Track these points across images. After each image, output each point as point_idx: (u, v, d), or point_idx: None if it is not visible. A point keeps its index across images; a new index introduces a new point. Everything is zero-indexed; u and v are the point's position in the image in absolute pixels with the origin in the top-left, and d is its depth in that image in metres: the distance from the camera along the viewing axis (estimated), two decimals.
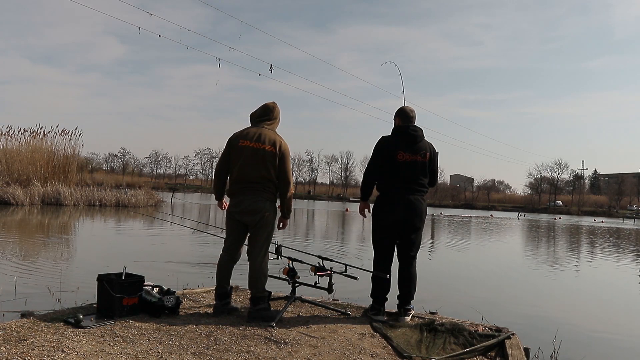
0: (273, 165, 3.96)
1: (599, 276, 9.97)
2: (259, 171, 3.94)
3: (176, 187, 74.20)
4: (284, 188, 4.03)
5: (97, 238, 11.63)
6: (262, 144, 3.97)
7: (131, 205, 23.72)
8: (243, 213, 3.98)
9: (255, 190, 3.95)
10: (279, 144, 4.01)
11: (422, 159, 4.25)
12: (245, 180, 3.98)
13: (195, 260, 8.20)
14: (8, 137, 24.33)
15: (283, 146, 4.03)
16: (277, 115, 4.22)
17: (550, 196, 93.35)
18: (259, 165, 3.94)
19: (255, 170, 3.95)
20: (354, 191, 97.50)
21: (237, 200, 4.02)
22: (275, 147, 3.98)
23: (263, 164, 3.94)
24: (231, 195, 4.09)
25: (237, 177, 4.02)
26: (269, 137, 4.01)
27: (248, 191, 3.97)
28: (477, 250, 13.98)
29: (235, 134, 4.10)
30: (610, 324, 5.85)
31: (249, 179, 3.97)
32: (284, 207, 4.10)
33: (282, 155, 4.00)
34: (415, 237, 4.28)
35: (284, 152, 4.01)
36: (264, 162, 3.94)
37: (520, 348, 3.58)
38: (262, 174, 3.94)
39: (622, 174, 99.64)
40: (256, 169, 3.95)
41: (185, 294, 4.66)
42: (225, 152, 4.09)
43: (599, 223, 43.61)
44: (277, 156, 3.97)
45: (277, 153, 3.97)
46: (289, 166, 4.05)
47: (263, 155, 3.95)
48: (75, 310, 3.79)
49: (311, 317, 4.17)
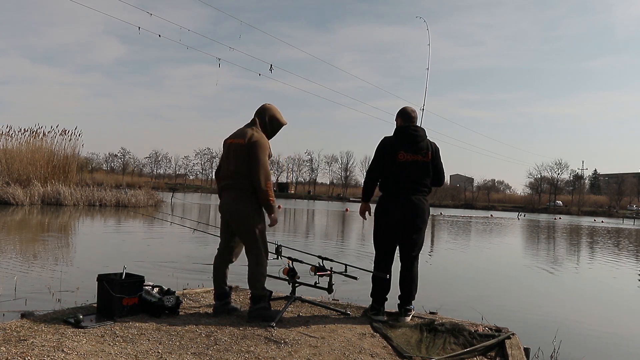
0: (244, 158, 3.87)
1: (599, 276, 9.96)
2: (229, 166, 3.95)
3: (176, 187, 74.18)
4: (255, 182, 3.84)
5: (97, 238, 11.63)
6: (235, 138, 3.98)
7: (131, 205, 23.71)
8: (222, 211, 4.03)
9: (231, 187, 3.95)
10: (249, 135, 3.92)
11: (424, 159, 4.24)
12: (222, 177, 4.06)
13: (195, 260, 8.19)
14: (8, 137, 24.37)
15: (254, 137, 3.91)
16: (263, 115, 4.12)
17: (550, 196, 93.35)
18: (230, 160, 3.96)
19: (228, 165, 3.97)
20: (354, 191, 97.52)
21: (220, 199, 4.08)
22: (245, 139, 3.91)
23: (234, 159, 3.92)
24: (218, 194, 4.14)
25: (219, 176, 4.12)
26: (243, 132, 3.99)
27: (225, 188, 4.00)
28: (477, 250, 13.98)
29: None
30: (611, 323, 5.85)
31: (224, 175, 4.02)
32: (261, 202, 3.92)
33: (250, 145, 3.86)
34: (417, 238, 4.27)
35: (253, 142, 3.87)
36: (235, 156, 3.92)
37: (520, 348, 3.58)
38: (232, 169, 3.93)
39: (622, 174, 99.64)
40: (228, 165, 3.97)
41: (185, 294, 4.66)
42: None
43: (599, 223, 43.60)
44: (245, 147, 3.88)
45: (244, 144, 3.89)
46: (259, 157, 3.84)
47: (234, 149, 3.94)
48: (75, 310, 3.79)
49: (311, 317, 4.17)
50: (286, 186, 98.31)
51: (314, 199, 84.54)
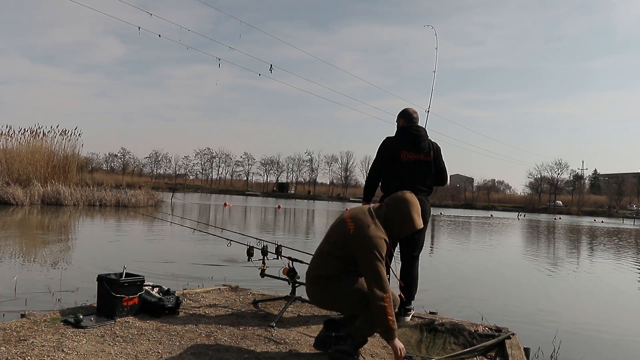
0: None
1: (599, 276, 9.96)
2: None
3: (176, 187, 74.18)
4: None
5: (97, 238, 11.63)
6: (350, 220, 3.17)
7: (131, 205, 23.70)
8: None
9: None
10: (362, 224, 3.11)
11: (426, 158, 4.25)
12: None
13: (195, 260, 8.20)
14: (8, 137, 24.37)
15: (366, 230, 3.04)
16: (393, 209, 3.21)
17: (550, 196, 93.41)
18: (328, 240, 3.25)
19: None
20: (354, 191, 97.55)
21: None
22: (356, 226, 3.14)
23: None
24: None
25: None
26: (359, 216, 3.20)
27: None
28: (477, 250, 13.97)
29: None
30: (611, 324, 5.85)
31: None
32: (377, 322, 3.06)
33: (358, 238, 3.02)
34: (417, 237, 4.27)
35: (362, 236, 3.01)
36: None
37: (520, 348, 3.58)
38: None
39: (622, 174, 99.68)
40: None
41: (185, 294, 4.66)
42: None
43: (599, 223, 43.60)
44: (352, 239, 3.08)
45: (352, 234, 3.08)
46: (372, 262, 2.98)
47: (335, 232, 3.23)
48: (75, 310, 3.79)
49: (311, 317, 4.16)
50: (286, 186, 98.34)
51: (314, 199, 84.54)
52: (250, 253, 4.61)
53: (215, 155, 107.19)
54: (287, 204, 46.96)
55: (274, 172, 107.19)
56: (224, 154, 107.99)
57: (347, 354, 3.01)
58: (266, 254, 4.62)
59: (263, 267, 4.57)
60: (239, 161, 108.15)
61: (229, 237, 5.18)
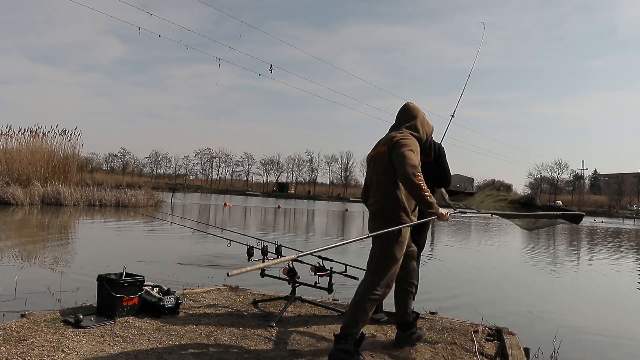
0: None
1: (599, 276, 9.96)
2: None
3: (176, 187, 74.17)
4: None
5: (97, 238, 11.63)
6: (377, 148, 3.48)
7: (131, 205, 23.70)
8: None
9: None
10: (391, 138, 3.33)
11: (425, 159, 4.24)
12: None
13: (195, 260, 8.20)
14: (8, 137, 24.38)
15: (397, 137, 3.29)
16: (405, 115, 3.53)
17: (550, 196, 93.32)
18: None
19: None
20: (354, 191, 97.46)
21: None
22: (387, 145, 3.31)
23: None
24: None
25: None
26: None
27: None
28: (477, 250, 13.97)
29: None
30: (611, 324, 5.84)
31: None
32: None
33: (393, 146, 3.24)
34: (418, 238, 4.27)
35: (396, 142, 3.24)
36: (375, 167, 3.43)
37: (520, 348, 3.58)
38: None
39: (622, 174, 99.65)
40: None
41: (185, 294, 4.66)
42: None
43: (599, 223, 43.59)
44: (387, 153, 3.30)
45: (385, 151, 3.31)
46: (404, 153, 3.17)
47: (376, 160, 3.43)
48: (75, 310, 3.79)
49: (311, 317, 4.16)
50: (286, 186, 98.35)
51: (314, 199, 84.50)
52: (250, 253, 4.61)
53: (215, 155, 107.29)
54: (287, 204, 46.96)
55: (274, 172, 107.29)
56: (224, 154, 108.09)
57: (347, 352, 2.98)
58: (266, 254, 4.62)
59: (263, 267, 4.57)
60: (239, 161, 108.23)
61: (229, 237, 5.18)
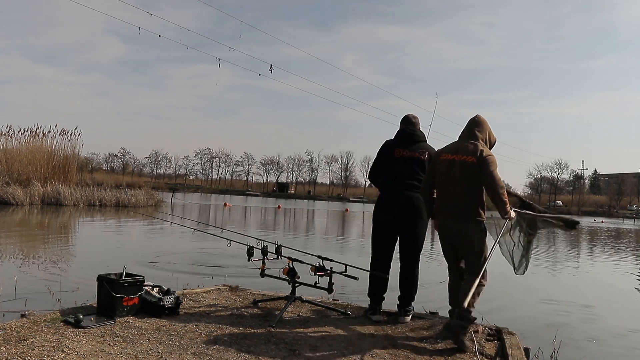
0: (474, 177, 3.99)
1: (599, 276, 9.96)
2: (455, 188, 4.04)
3: (176, 187, 74.13)
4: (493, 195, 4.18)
5: (97, 238, 11.63)
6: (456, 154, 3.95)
7: (131, 205, 23.71)
8: (449, 235, 4.23)
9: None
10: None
11: (420, 156, 4.28)
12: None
13: (195, 260, 8.20)
14: (8, 137, 24.38)
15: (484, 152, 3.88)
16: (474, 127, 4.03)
17: (550, 196, 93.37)
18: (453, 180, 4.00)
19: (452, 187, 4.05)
20: (354, 191, 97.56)
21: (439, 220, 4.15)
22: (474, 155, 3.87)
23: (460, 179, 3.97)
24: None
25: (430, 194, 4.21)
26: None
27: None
28: None
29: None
30: (611, 324, 5.85)
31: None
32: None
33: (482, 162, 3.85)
34: (415, 236, 4.28)
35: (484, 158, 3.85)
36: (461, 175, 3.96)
37: (520, 348, 3.58)
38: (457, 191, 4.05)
39: (622, 174, 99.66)
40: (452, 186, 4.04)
41: (185, 294, 4.66)
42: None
43: (599, 223, 43.59)
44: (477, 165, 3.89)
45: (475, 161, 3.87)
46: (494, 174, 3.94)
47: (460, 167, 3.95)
48: (75, 310, 3.79)
49: (311, 317, 4.17)
50: (286, 186, 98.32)
51: (314, 199, 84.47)
52: (250, 253, 4.61)
53: (215, 155, 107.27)
54: (287, 204, 46.96)
55: (274, 172, 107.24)
56: (224, 154, 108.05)
57: (465, 319, 3.55)
58: (266, 254, 4.62)
59: (263, 267, 4.57)
60: (239, 161, 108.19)
61: (228, 237, 5.18)
